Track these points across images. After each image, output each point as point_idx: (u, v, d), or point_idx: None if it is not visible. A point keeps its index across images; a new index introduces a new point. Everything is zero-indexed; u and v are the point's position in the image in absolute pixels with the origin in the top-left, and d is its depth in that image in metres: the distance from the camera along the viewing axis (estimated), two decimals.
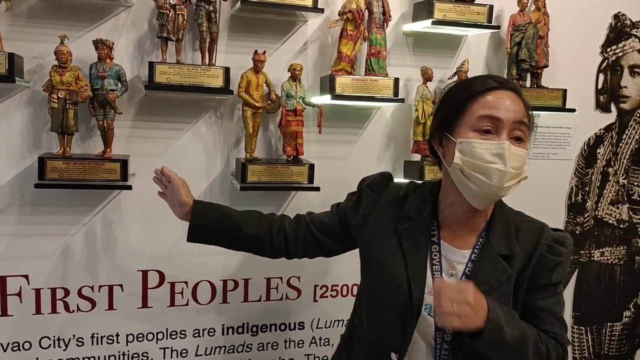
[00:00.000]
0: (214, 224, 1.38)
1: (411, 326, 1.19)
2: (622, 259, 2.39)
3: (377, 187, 1.32)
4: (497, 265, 1.18)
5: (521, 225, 1.23)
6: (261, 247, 1.41)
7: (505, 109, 1.11)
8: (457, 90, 1.20)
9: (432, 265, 1.20)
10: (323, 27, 1.84)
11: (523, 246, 1.20)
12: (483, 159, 1.10)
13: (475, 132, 1.12)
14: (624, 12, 2.21)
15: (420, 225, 1.22)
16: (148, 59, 1.67)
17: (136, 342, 1.81)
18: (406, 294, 1.18)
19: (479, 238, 1.21)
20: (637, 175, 2.34)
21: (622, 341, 2.45)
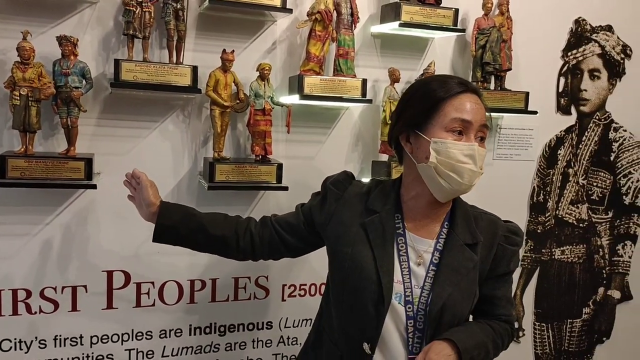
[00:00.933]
0: (179, 224, 1.38)
1: (382, 315, 1.23)
2: (582, 257, 2.46)
3: (341, 184, 1.37)
4: (464, 254, 1.27)
5: (478, 216, 1.33)
6: (227, 248, 1.42)
7: (474, 112, 1.21)
8: (425, 91, 1.25)
9: (399, 255, 1.26)
10: (292, 27, 1.84)
11: (483, 236, 1.29)
12: (456, 159, 1.19)
13: (448, 133, 1.20)
14: (585, 17, 2.28)
15: (385, 217, 1.28)
16: (114, 56, 1.64)
17: (101, 344, 1.78)
18: (376, 283, 1.23)
19: (442, 228, 1.30)
20: (596, 176, 2.42)
21: (582, 337, 2.53)
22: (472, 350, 1.21)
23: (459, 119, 1.20)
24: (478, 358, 1.24)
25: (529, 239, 2.34)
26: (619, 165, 2.45)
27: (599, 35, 2.32)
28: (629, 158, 2.46)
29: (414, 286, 1.24)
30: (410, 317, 1.23)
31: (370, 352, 1.25)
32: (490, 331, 1.31)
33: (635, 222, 2.53)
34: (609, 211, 2.47)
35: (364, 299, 1.24)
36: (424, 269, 1.26)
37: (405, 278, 1.25)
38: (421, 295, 1.24)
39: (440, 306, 1.22)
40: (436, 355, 1.17)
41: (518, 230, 1.36)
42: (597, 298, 2.52)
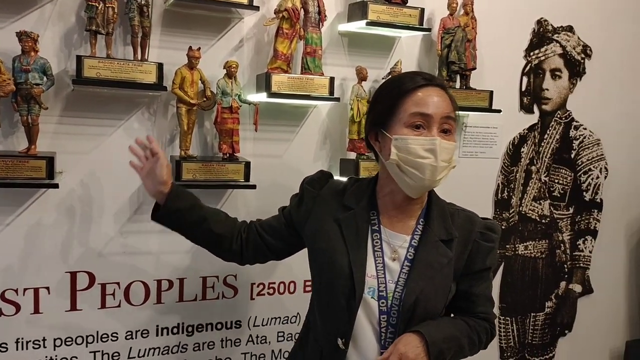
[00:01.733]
0: (186, 212, 1.38)
1: (354, 309, 1.24)
2: (544, 252, 2.52)
3: (317, 183, 1.39)
4: (438, 249, 1.28)
5: (455, 213, 1.34)
6: (220, 247, 1.44)
7: (434, 105, 1.21)
8: (389, 88, 1.28)
9: (374, 250, 1.28)
10: (259, 24, 1.83)
11: (458, 232, 1.30)
12: (417, 154, 1.20)
13: (408, 128, 1.21)
14: (547, 18, 2.34)
15: (360, 214, 1.30)
16: (76, 52, 1.61)
17: (64, 347, 1.74)
18: (348, 277, 1.24)
19: (417, 223, 1.31)
20: (557, 173, 2.48)
21: (545, 330, 2.59)
22: (441, 344, 1.22)
23: (418, 113, 1.21)
24: (449, 352, 1.25)
25: None
26: (580, 163, 2.52)
27: (560, 36, 2.38)
28: (588, 155, 2.54)
29: (389, 281, 1.26)
30: (383, 312, 1.25)
31: (343, 348, 1.26)
32: (465, 327, 1.31)
33: (595, 217, 2.60)
34: (570, 207, 2.54)
35: (337, 293, 1.26)
36: (399, 264, 1.27)
37: (380, 273, 1.26)
38: (395, 290, 1.25)
39: (413, 300, 1.23)
40: (404, 346, 1.18)
41: (495, 227, 1.37)
42: (559, 292, 2.59)
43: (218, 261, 1.87)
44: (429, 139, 1.20)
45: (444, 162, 1.22)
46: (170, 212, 1.38)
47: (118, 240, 1.76)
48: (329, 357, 1.30)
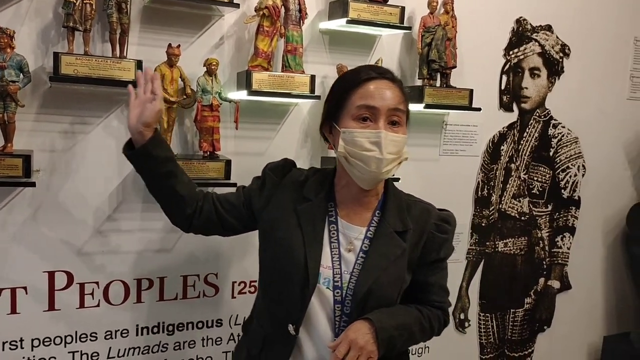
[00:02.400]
0: (161, 161, 1.34)
1: (307, 298, 1.27)
2: (524, 249, 2.55)
3: (280, 171, 1.41)
4: (392, 241, 1.31)
5: (411, 204, 1.37)
6: (177, 207, 1.41)
7: (381, 97, 1.24)
8: (342, 82, 1.32)
9: (330, 241, 1.31)
10: (239, 22, 1.83)
11: (414, 224, 1.33)
12: (362, 147, 1.23)
13: (355, 121, 1.25)
14: (526, 17, 2.36)
15: (318, 205, 1.32)
16: (53, 49, 1.58)
17: (43, 347, 1.72)
18: (303, 267, 1.27)
19: (373, 215, 1.34)
20: (536, 170, 2.51)
21: (524, 326, 2.63)
22: (391, 330, 1.25)
23: (364, 105, 1.24)
24: (400, 339, 1.28)
25: (474, 232, 2.41)
26: (558, 160, 2.55)
27: (539, 35, 2.41)
28: (567, 153, 2.57)
29: (344, 272, 1.29)
30: (338, 301, 1.28)
31: (294, 333, 1.29)
32: (418, 315, 1.34)
33: (573, 214, 2.64)
34: (549, 204, 2.57)
35: (291, 281, 1.28)
36: (354, 255, 1.30)
37: (335, 264, 1.29)
38: (350, 280, 1.28)
39: (366, 290, 1.26)
40: (354, 333, 1.21)
41: (450, 218, 1.40)
42: (538, 288, 2.63)
43: (199, 260, 1.88)
44: (374, 132, 1.23)
45: (391, 155, 1.24)
46: (145, 156, 1.32)
47: (97, 239, 1.74)
48: (276, 342, 1.33)
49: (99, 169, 1.71)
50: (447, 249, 1.39)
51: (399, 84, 1.30)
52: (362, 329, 1.22)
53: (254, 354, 1.39)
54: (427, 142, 2.24)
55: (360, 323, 1.24)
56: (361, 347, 1.20)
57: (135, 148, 1.33)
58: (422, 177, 2.24)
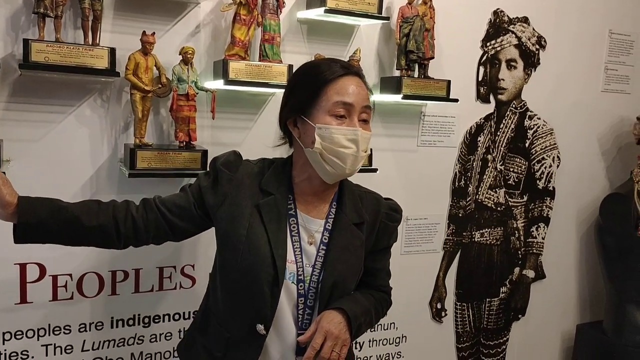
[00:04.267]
0: (48, 220, 1.21)
1: (277, 296, 1.26)
2: (500, 239, 2.58)
3: (233, 165, 1.34)
4: (352, 233, 1.34)
5: (363, 195, 1.40)
6: (107, 238, 1.29)
7: (355, 94, 1.24)
8: (309, 75, 1.29)
9: (291, 235, 1.30)
10: (216, 10, 1.80)
11: (368, 215, 1.37)
12: (340, 144, 1.23)
13: (331, 117, 1.24)
14: (503, 8, 2.38)
15: (279, 199, 1.31)
16: (23, 36, 1.54)
17: (14, 340, 1.69)
18: (270, 265, 1.25)
19: (330, 208, 1.35)
20: (512, 161, 2.54)
21: (500, 315, 2.66)
22: (360, 317, 1.30)
23: (341, 102, 1.23)
24: (365, 325, 1.35)
25: (451, 223, 2.43)
26: (534, 152, 2.58)
27: (516, 27, 2.42)
28: (542, 144, 2.60)
29: (306, 265, 1.30)
30: (301, 294, 1.28)
31: (264, 333, 1.27)
32: (372, 300, 1.41)
33: (548, 205, 2.68)
34: (524, 195, 2.60)
35: (259, 280, 1.25)
36: (315, 248, 1.31)
37: (298, 257, 1.29)
38: (312, 273, 1.29)
39: (332, 283, 1.28)
40: (327, 324, 1.22)
41: (398, 207, 1.46)
42: (513, 277, 2.66)
43: (175, 251, 1.86)
44: (352, 130, 1.24)
45: (364, 152, 1.27)
46: (28, 229, 1.19)
47: None
48: (242, 343, 1.30)
49: (71, 158, 1.67)
50: (395, 236, 1.46)
51: (364, 78, 1.32)
52: (336, 319, 1.24)
53: (217, 357, 1.34)
54: (405, 133, 2.25)
55: (331, 313, 1.25)
56: (336, 337, 1.22)
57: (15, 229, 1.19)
58: (400, 168, 2.25)
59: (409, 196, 2.28)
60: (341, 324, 1.24)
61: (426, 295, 2.45)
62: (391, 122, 2.19)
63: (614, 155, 2.85)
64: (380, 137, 2.17)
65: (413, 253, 2.35)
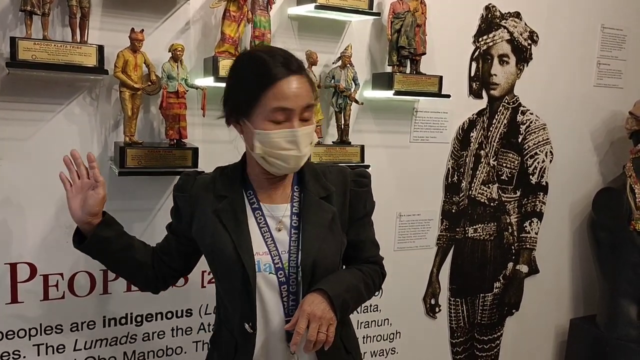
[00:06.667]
0: (114, 240, 1.35)
1: (252, 293, 1.26)
2: (493, 234, 2.59)
3: (184, 186, 1.38)
4: (321, 207, 1.32)
5: (325, 170, 1.39)
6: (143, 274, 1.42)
7: (295, 97, 1.21)
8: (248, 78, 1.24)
9: (260, 227, 1.30)
10: (206, 7, 1.79)
11: (335, 186, 1.35)
12: (280, 146, 1.22)
13: (269, 123, 1.22)
14: (494, 4, 2.37)
15: (235, 199, 1.31)
16: (10, 34, 1.53)
17: (6, 341, 1.68)
18: (239, 264, 1.25)
19: (292, 191, 1.35)
20: (505, 157, 2.54)
21: (493, 310, 2.67)
22: (343, 294, 1.26)
23: (279, 108, 1.20)
24: (352, 301, 1.30)
25: (444, 219, 2.43)
26: (526, 147, 2.58)
27: (508, 22, 2.42)
28: (535, 140, 2.60)
29: (282, 252, 1.29)
30: (282, 282, 1.28)
31: (252, 331, 1.28)
32: (360, 274, 1.37)
33: (541, 200, 2.68)
34: (517, 190, 2.60)
35: (233, 282, 1.28)
36: (287, 233, 1.30)
37: (271, 247, 1.29)
38: (290, 259, 1.28)
39: (312, 262, 1.27)
40: (309, 306, 1.21)
41: (364, 172, 1.43)
42: (507, 273, 2.66)
43: None
44: (290, 132, 1.22)
45: (307, 148, 1.25)
46: (99, 243, 1.33)
47: (60, 230, 1.69)
48: (241, 346, 1.32)
49: (60, 157, 1.64)
50: (370, 202, 1.42)
51: (306, 74, 1.26)
52: (316, 300, 1.22)
53: None
54: (397, 129, 2.24)
55: (312, 295, 1.23)
56: (320, 317, 1.20)
57: (86, 237, 1.33)
58: (393, 164, 2.24)
59: (402, 192, 2.28)
60: (323, 304, 1.22)
61: (420, 291, 2.45)
62: (383, 119, 2.19)
63: (606, 150, 2.85)
64: (372, 133, 2.17)
65: (406, 249, 2.35)
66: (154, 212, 1.81)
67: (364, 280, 1.37)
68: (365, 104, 2.09)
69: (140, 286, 1.49)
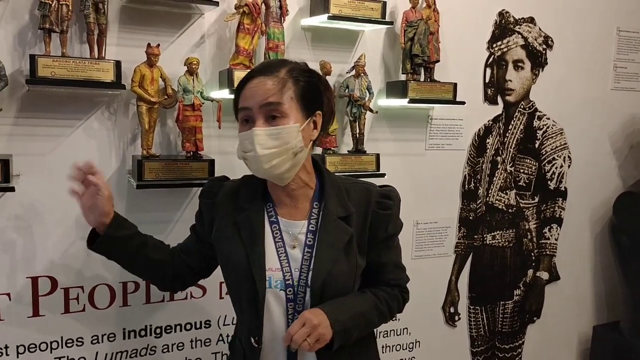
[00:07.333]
0: (127, 239, 1.37)
1: (260, 309, 1.26)
2: (512, 241, 2.56)
3: (210, 192, 1.39)
4: (338, 227, 1.29)
5: (350, 187, 1.35)
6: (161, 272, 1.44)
7: (252, 96, 1.23)
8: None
9: (275, 242, 1.29)
10: (220, 20, 1.81)
11: (356, 206, 1.31)
12: (245, 148, 1.25)
13: (241, 124, 1.26)
14: (508, 9, 2.36)
15: (254, 212, 1.31)
16: (30, 51, 1.56)
17: (28, 353, 1.70)
18: (250, 279, 1.25)
19: (311, 207, 1.32)
20: (522, 162, 2.52)
21: (514, 318, 2.63)
22: (345, 322, 1.24)
23: (242, 108, 1.25)
24: (357, 328, 1.27)
25: (462, 226, 2.41)
26: (544, 152, 2.56)
27: (522, 27, 2.41)
28: (552, 145, 2.58)
29: (294, 270, 1.27)
30: (290, 300, 1.26)
31: (256, 345, 1.28)
32: (373, 300, 1.34)
33: (560, 205, 2.65)
34: (536, 196, 2.57)
35: (243, 295, 1.29)
36: (300, 251, 1.28)
37: (284, 263, 1.27)
38: (300, 277, 1.26)
39: (321, 284, 1.24)
40: (309, 313, 1.20)
41: (391, 193, 1.37)
42: (527, 280, 2.63)
43: None
44: (247, 132, 1.24)
45: (268, 150, 1.21)
46: (112, 241, 1.36)
47: (80, 243, 1.70)
48: (249, 357, 1.32)
49: None
50: (394, 225, 1.37)
51: (283, 74, 1.23)
52: (318, 312, 1.21)
53: None
54: (412, 137, 2.24)
55: (317, 308, 1.22)
56: (315, 326, 1.18)
57: (99, 236, 1.36)
58: (409, 172, 2.24)
59: (419, 200, 2.27)
60: (322, 316, 1.20)
61: (439, 299, 2.43)
62: (398, 127, 2.19)
63: (625, 154, 2.82)
64: (387, 141, 2.16)
65: (424, 257, 2.34)
66: (171, 224, 1.82)
67: (376, 307, 1.33)
68: (380, 112, 2.09)
69: (158, 284, 1.50)
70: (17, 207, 1.62)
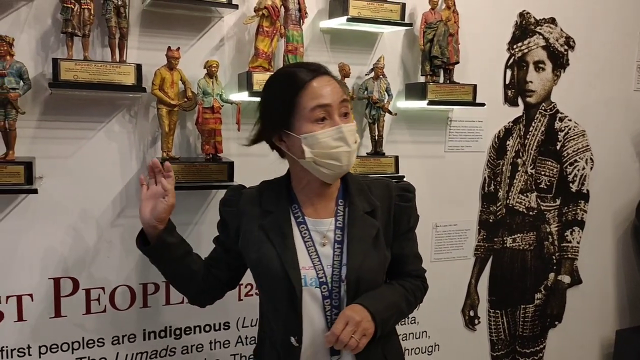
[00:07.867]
0: (175, 246, 1.39)
1: (298, 307, 1.27)
2: (533, 244, 2.53)
3: (232, 200, 1.41)
4: (365, 222, 1.33)
5: (370, 184, 1.39)
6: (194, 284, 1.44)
7: (330, 93, 1.24)
8: (279, 87, 1.30)
9: (304, 242, 1.31)
10: (239, 23, 1.82)
11: (379, 201, 1.36)
12: (329, 145, 1.24)
13: (312, 124, 1.23)
14: (529, 10, 2.34)
15: (280, 214, 1.33)
16: (53, 55, 1.58)
17: (50, 354, 1.72)
18: (285, 279, 1.27)
19: (337, 205, 1.35)
20: (544, 165, 2.49)
21: (535, 322, 2.60)
22: (383, 312, 1.27)
23: (317, 106, 1.23)
24: (392, 318, 1.33)
25: (482, 229, 2.39)
26: (565, 154, 2.52)
27: (543, 28, 2.38)
28: (574, 147, 2.54)
29: (326, 267, 1.30)
30: (326, 297, 1.29)
31: (297, 344, 1.29)
32: (402, 291, 1.39)
33: (582, 208, 2.61)
34: (557, 199, 2.54)
35: (279, 296, 1.29)
36: (330, 247, 1.31)
37: (316, 261, 1.29)
38: (333, 273, 1.29)
39: (356, 277, 1.28)
40: (350, 311, 1.23)
41: (408, 186, 1.44)
42: (548, 283, 2.60)
43: None
44: (335, 129, 1.24)
45: (355, 144, 1.27)
46: (163, 247, 1.37)
47: (101, 245, 1.74)
48: (285, 358, 1.32)
49: (101, 174, 1.70)
50: (414, 217, 1.43)
51: (332, 74, 1.31)
52: (357, 308, 1.24)
53: None
54: (432, 139, 2.22)
55: (355, 305, 1.25)
56: (358, 322, 1.21)
57: (150, 241, 1.38)
58: (428, 174, 2.22)
59: (438, 202, 2.26)
60: (364, 312, 1.23)
61: (458, 302, 2.41)
62: (417, 129, 2.18)
63: None
64: (406, 143, 2.15)
65: (443, 260, 2.32)
66: (191, 226, 1.83)
67: (405, 297, 1.38)
68: (399, 114, 2.08)
69: (191, 296, 1.51)
70: (39, 209, 1.64)
